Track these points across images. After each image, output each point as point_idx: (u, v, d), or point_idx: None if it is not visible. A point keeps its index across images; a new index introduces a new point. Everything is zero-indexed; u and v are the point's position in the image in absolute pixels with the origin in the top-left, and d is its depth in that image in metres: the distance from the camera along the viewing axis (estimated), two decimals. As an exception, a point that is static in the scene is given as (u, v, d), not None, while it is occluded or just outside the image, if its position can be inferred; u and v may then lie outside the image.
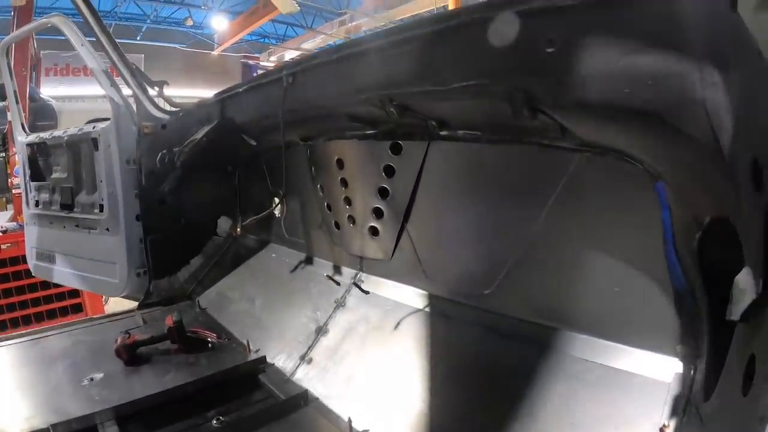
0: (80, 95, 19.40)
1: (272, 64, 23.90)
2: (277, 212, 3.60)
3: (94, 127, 3.68)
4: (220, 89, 3.34)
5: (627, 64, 1.26)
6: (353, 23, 21.65)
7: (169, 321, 2.91)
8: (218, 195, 4.11)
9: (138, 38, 24.30)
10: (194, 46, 26.34)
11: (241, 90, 3.07)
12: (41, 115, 8.68)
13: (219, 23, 23.93)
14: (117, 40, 3.81)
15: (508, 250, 2.12)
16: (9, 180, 8.66)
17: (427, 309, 2.49)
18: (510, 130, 1.98)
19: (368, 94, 2.16)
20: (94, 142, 3.65)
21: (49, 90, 14.93)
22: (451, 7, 12.78)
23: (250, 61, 25.74)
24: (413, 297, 2.59)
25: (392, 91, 2.06)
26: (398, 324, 2.52)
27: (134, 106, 3.69)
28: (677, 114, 1.23)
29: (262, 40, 28.58)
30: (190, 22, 24.64)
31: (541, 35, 1.42)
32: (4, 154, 9.13)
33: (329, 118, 2.65)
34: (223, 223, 4.22)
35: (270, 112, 2.82)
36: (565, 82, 1.44)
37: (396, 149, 2.50)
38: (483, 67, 1.67)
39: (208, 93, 3.73)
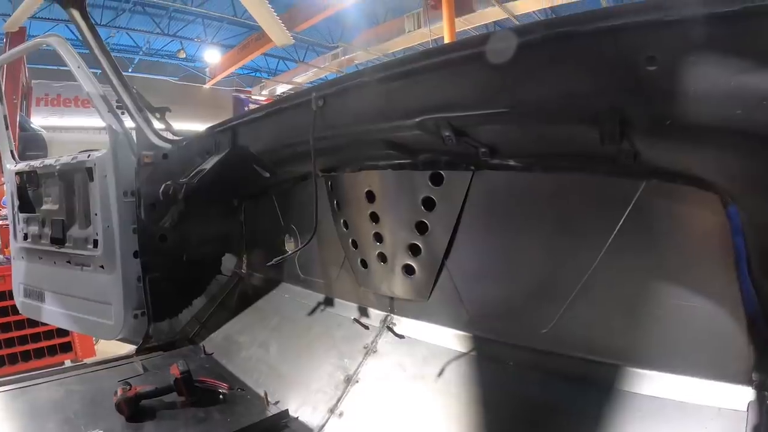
0: (71, 126, 19.26)
1: (264, 98, 23.98)
2: (290, 250, 3.35)
3: (89, 156, 3.45)
4: (212, 123, 3.16)
5: (742, 83, 1.14)
6: (346, 56, 21.79)
7: (175, 370, 2.62)
8: (223, 230, 3.90)
9: (130, 70, 24.36)
10: (186, 79, 26.45)
11: (257, 115, 2.84)
12: (31, 145, 8.49)
13: (211, 56, 24.01)
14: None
15: (566, 285, 1.97)
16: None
17: (473, 353, 2.27)
18: (573, 157, 1.85)
19: (421, 118, 1.95)
20: (89, 172, 3.42)
21: (39, 120, 14.84)
22: (446, 40, 12.85)
23: (242, 95, 25.77)
24: (455, 340, 2.36)
25: (453, 113, 1.86)
26: (441, 371, 2.28)
27: (134, 134, 3.47)
28: None
29: (254, 73, 28.79)
30: (182, 55, 24.81)
31: (644, 52, 1.28)
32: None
33: (363, 146, 2.44)
34: (228, 261, 3.99)
35: (293, 140, 2.60)
36: (667, 104, 1.31)
37: (437, 180, 2.31)
38: (572, 87, 1.51)
39: (199, 126, 3.60)
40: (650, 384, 1.74)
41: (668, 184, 1.68)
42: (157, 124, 3.60)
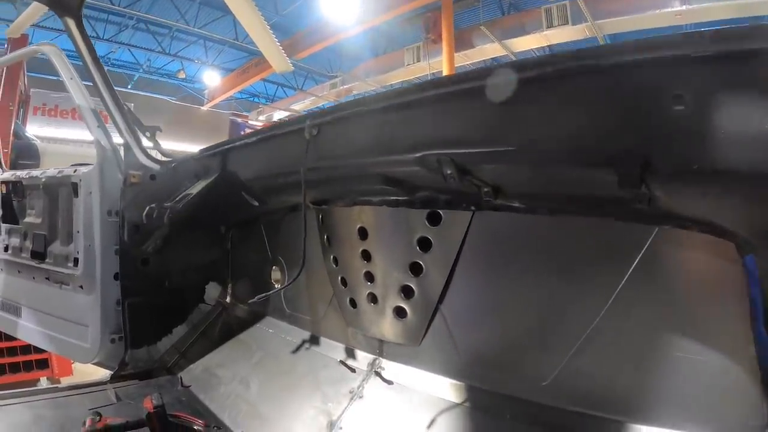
0: (66, 138, 19.11)
1: (260, 124, 23.98)
2: (276, 284, 3.23)
3: (75, 171, 3.34)
4: (207, 144, 3.07)
5: None
6: (344, 86, 21.88)
7: (148, 404, 2.46)
8: (208, 258, 3.77)
9: (129, 87, 24.34)
10: (184, 100, 26.43)
11: (249, 141, 2.74)
12: (24, 153, 8.38)
13: (211, 78, 24.08)
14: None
15: (570, 335, 1.86)
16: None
17: (467, 404, 2.12)
18: (582, 200, 1.77)
19: (423, 153, 1.85)
20: (75, 188, 3.31)
21: (35, 129, 14.76)
22: (445, 73, 12.93)
23: (239, 119, 25.77)
24: (448, 389, 2.22)
25: (457, 150, 1.76)
26: (432, 422, 2.14)
27: (122, 152, 3.38)
28: None
29: (252, 98, 28.87)
30: (182, 75, 24.82)
31: (670, 90, 1.19)
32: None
33: (358, 180, 2.34)
34: (212, 290, 3.84)
35: (283, 169, 2.50)
36: (695, 147, 1.24)
37: (434, 219, 2.20)
38: (589, 126, 1.43)
39: (194, 147, 3.50)
40: None
41: (682, 230, 1.60)
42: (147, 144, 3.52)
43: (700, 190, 1.41)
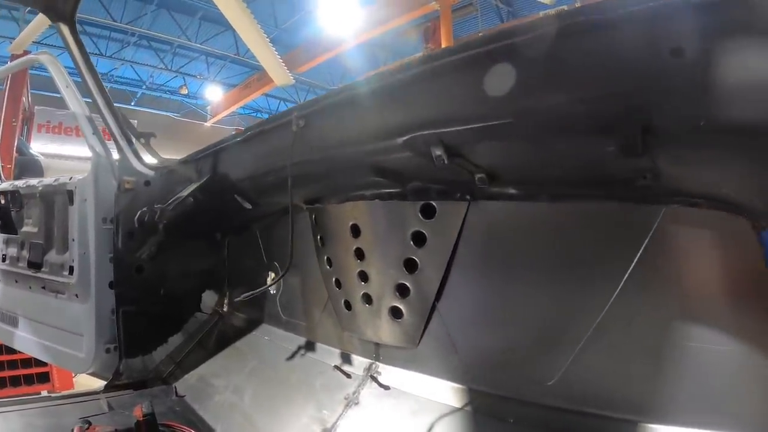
0: (70, 155, 19.22)
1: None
2: (272, 289, 3.15)
3: (70, 179, 3.32)
4: None
5: None
6: (346, 99, 21.95)
7: (138, 412, 2.44)
8: (204, 265, 3.71)
9: (133, 104, 24.55)
10: (187, 116, 26.63)
11: (239, 140, 2.67)
12: (27, 169, 8.46)
13: (213, 94, 24.21)
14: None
15: (576, 330, 1.75)
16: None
17: (468, 408, 2.03)
18: (583, 183, 1.68)
19: (410, 135, 1.77)
20: (70, 195, 3.27)
21: (39, 146, 14.85)
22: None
23: (241, 133, 25.86)
24: (448, 393, 2.12)
25: (445, 129, 1.67)
26: (431, 427, 2.04)
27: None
28: None
29: (255, 114, 29.01)
30: (185, 91, 25.00)
31: (668, 43, 1.11)
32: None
33: (347, 172, 2.26)
34: (209, 298, 3.78)
35: (273, 166, 2.43)
36: (699, 99, 1.15)
37: (428, 212, 2.11)
38: (585, 88, 1.33)
39: None
40: None
41: (691, 209, 1.50)
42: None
43: (708, 155, 1.32)
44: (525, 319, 1.95)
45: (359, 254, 2.40)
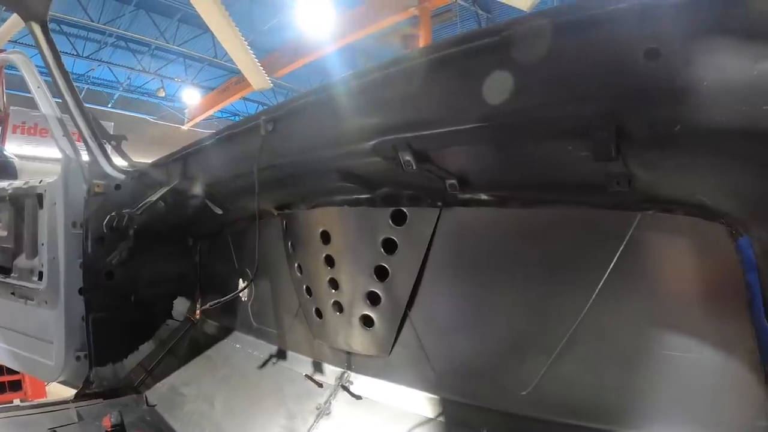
0: (45, 157, 18.91)
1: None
2: (243, 296, 3.11)
3: (40, 182, 3.26)
4: None
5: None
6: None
7: (107, 423, 2.49)
8: (176, 271, 3.68)
9: (109, 105, 24.20)
10: (164, 119, 26.32)
11: (207, 143, 2.61)
12: (1, 171, 8.23)
13: (191, 97, 23.98)
14: (87, 105, 3.45)
15: (550, 339, 1.73)
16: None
17: (441, 418, 2.00)
18: (556, 188, 1.66)
19: (378, 140, 1.74)
20: (39, 198, 3.24)
21: (14, 148, 14.51)
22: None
23: (219, 137, 25.65)
24: (420, 402, 2.09)
25: (413, 133, 1.64)
26: None
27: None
28: None
29: (232, 117, 28.79)
30: (162, 93, 24.75)
31: (642, 44, 1.08)
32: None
33: (316, 177, 2.23)
34: (181, 305, 3.73)
35: (242, 171, 2.38)
36: (673, 102, 1.12)
37: (399, 218, 2.09)
38: (557, 90, 1.30)
39: None
40: None
41: (667, 215, 1.49)
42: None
43: (682, 160, 1.29)
44: (498, 328, 1.92)
45: (329, 261, 2.37)
